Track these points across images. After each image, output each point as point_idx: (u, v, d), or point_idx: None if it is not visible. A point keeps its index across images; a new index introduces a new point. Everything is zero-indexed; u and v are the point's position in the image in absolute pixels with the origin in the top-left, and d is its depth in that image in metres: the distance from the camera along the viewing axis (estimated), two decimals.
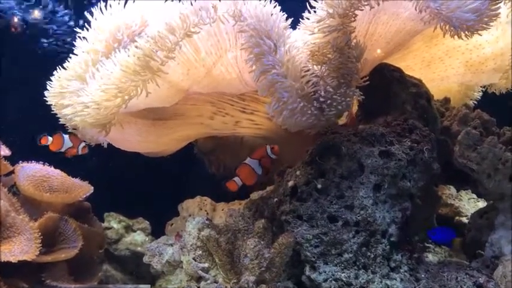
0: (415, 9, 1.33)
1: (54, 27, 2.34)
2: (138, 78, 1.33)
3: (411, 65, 1.91)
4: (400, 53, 1.82)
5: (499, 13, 1.38)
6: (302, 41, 1.46)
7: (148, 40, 1.31)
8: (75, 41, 1.62)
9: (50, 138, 1.79)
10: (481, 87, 2.10)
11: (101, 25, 1.58)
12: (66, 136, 1.78)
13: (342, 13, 1.32)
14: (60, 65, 1.63)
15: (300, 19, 1.49)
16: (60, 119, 1.60)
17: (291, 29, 1.46)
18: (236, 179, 1.69)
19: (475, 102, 2.14)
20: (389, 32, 1.53)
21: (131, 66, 1.32)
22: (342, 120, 1.74)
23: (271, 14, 1.36)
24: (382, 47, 1.58)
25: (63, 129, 1.66)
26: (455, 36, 1.71)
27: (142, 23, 1.60)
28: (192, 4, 1.32)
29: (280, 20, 1.38)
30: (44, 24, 2.35)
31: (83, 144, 1.78)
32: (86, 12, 1.60)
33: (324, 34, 1.38)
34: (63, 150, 1.80)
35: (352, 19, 1.35)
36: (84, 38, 1.60)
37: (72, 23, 2.34)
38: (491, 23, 1.34)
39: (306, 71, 1.42)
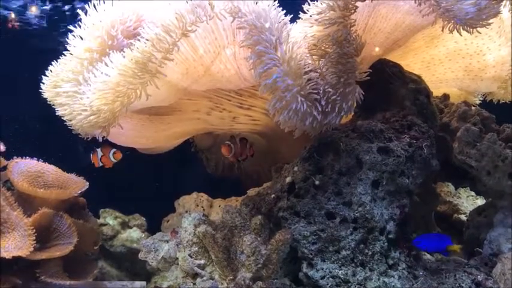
0: (415, 2, 1.31)
1: None
2: (137, 81, 1.31)
3: (411, 64, 1.89)
4: (400, 50, 1.81)
5: (501, 11, 1.36)
6: (302, 33, 1.44)
7: (145, 42, 1.29)
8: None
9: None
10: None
11: (95, 22, 1.55)
12: (98, 149, 1.78)
13: (342, 5, 1.31)
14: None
15: (300, 12, 1.47)
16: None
17: (291, 23, 1.44)
18: None
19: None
20: (388, 26, 1.52)
21: (129, 69, 1.30)
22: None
23: (271, 10, 1.33)
24: (381, 41, 1.56)
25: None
26: (456, 38, 1.71)
27: (137, 18, 1.58)
28: (187, 2, 1.29)
29: (280, 16, 1.36)
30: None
31: (113, 150, 1.77)
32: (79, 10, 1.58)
33: (324, 27, 1.36)
34: (101, 164, 1.80)
35: (353, 11, 1.33)
36: (78, 36, 1.57)
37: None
38: (491, 20, 1.32)
39: (305, 66, 1.40)
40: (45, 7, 2.35)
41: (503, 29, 1.73)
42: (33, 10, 2.35)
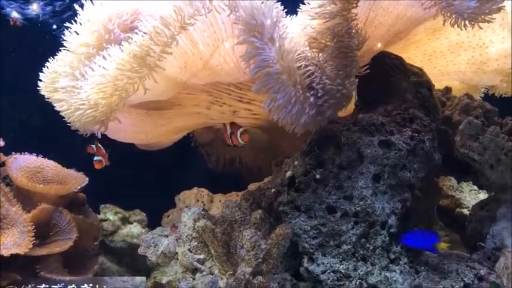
0: None
1: None
2: (135, 75, 1.29)
3: (412, 57, 1.88)
4: (402, 43, 1.79)
5: (503, 6, 1.34)
6: (302, 26, 1.42)
7: (143, 35, 1.27)
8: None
9: (93, 146, 1.82)
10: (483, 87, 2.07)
11: (92, 16, 1.53)
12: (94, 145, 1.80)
13: None
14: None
15: (301, 4, 1.45)
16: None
17: (291, 15, 1.42)
18: None
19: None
20: (389, 19, 1.50)
21: (127, 63, 1.29)
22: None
23: (267, 6, 1.30)
24: (382, 34, 1.54)
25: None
26: (459, 31, 1.68)
27: (134, 11, 1.57)
28: None
29: (276, 10, 1.32)
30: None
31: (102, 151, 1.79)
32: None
33: (324, 20, 1.34)
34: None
35: (354, 5, 1.31)
36: (74, 31, 1.56)
37: None
38: (492, 15, 1.30)
39: (302, 59, 1.38)
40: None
41: (506, 21, 1.71)
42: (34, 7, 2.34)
